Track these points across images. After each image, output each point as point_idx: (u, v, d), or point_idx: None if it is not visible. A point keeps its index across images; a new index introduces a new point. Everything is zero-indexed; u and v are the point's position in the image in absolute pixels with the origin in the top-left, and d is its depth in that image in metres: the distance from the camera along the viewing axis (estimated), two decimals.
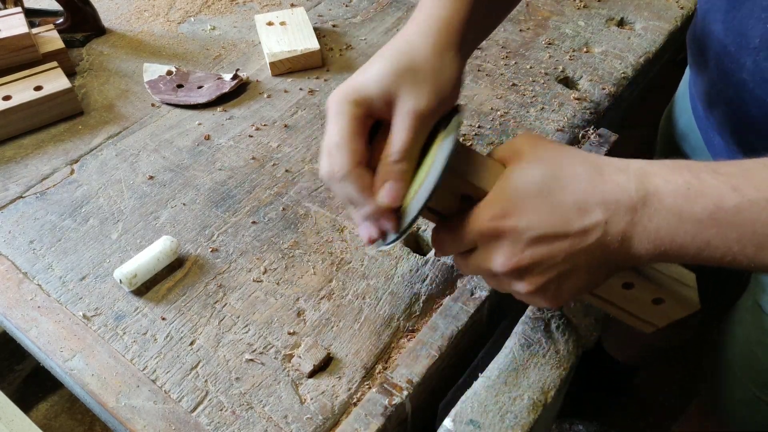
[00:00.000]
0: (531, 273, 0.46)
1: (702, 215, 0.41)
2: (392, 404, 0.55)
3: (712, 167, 0.43)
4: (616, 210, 0.43)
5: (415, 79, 0.48)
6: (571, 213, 0.44)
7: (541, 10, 1.03)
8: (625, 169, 0.45)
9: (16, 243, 0.71)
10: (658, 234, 0.43)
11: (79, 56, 0.97)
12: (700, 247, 0.42)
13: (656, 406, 1.47)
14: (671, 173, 0.43)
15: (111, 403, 0.57)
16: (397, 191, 0.47)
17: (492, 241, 0.46)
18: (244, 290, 0.66)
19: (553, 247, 0.45)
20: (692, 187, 0.42)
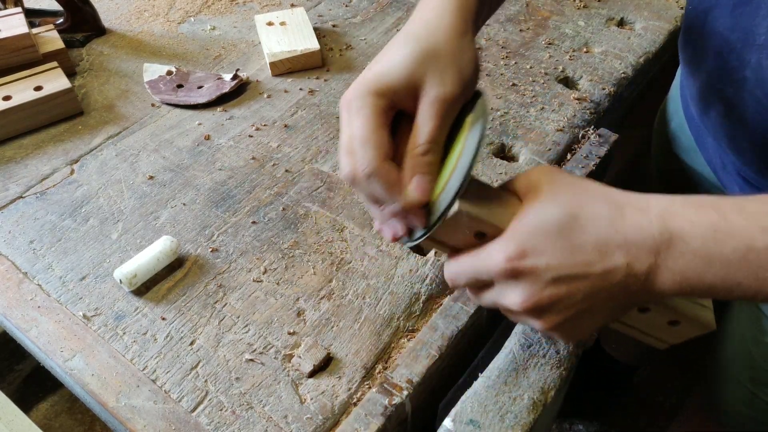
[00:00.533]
0: (549, 312, 0.45)
1: (732, 257, 0.41)
2: (392, 404, 0.55)
3: (738, 206, 0.42)
4: (638, 253, 0.42)
5: (439, 64, 0.47)
6: (593, 255, 0.43)
7: (541, 10, 1.03)
8: (646, 208, 0.44)
9: (16, 243, 0.71)
10: (684, 275, 0.42)
11: (79, 56, 0.97)
12: (730, 287, 0.42)
13: (656, 405, 1.47)
14: (696, 214, 0.42)
15: (111, 403, 0.57)
16: (427, 185, 0.46)
17: (510, 280, 0.45)
18: (244, 290, 0.66)
19: (573, 287, 0.44)
20: (720, 229, 0.41)
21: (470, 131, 0.47)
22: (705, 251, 0.41)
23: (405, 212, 0.47)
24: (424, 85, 0.46)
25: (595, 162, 0.76)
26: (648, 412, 1.46)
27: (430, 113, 0.46)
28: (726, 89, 0.62)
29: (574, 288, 0.44)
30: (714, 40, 0.62)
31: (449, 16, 0.49)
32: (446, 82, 0.46)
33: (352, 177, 0.46)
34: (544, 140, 0.80)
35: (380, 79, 0.47)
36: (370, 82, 0.47)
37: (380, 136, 0.46)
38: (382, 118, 0.46)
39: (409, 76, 0.46)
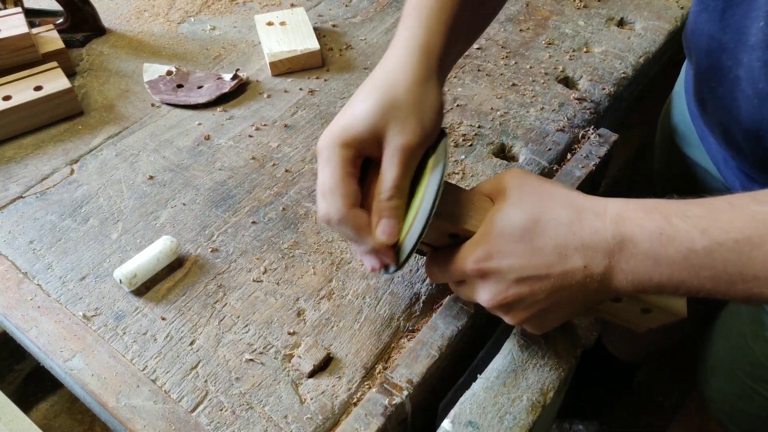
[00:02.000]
0: (515, 308, 0.50)
1: (675, 258, 0.44)
2: (392, 404, 0.55)
3: (682, 210, 0.45)
4: (594, 255, 0.46)
5: (400, 114, 0.50)
6: (552, 257, 0.47)
7: (541, 10, 1.03)
8: (602, 213, 0.47)
9: (16, 243, 0.71)
10: (636, 275, 0.46)
11: (79, 56, 0.97)
12: (676, 285, 0.45)
13: (656, 405, 1.47)
14: (645, 218, 0.46)
15: (111, 403, 0.57)
16: (392, 228, 0.50)
17: (477, 280, 0.50)
18: (244, 290, 0.66)
19: (535, 287, 0.48)
20: (664, 232, 0.44)
21: (431, 175, 0.51)
22: (652, 253, 0.45)
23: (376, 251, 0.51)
24: (387, 136, 0.50)
25: (595, 162, 0.76)
26: (648, 412, 1.46)
27: (393, 162, 0.50)
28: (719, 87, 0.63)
29: (537, 287, 0.48)
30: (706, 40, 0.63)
31: (410, 64, 0.52)
32: (407, 132, 0.49)
33: (326, 221, 0.51)
34: (544, 140, 0.80)
35: (346, 130, 0.50)
36: (336, 133, 0.51)
37: (346, 185, 0.50)
38: (349, 167, 0.50)
39: (372, 128, 0.50)
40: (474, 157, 0.79)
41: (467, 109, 0.85)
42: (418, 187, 0.52)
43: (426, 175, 0.51)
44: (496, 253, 0.48)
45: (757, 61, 0.55)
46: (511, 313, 0.51)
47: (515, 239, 0.48)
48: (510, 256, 0.48)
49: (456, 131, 0.82)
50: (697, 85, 0.69)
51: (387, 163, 0.50)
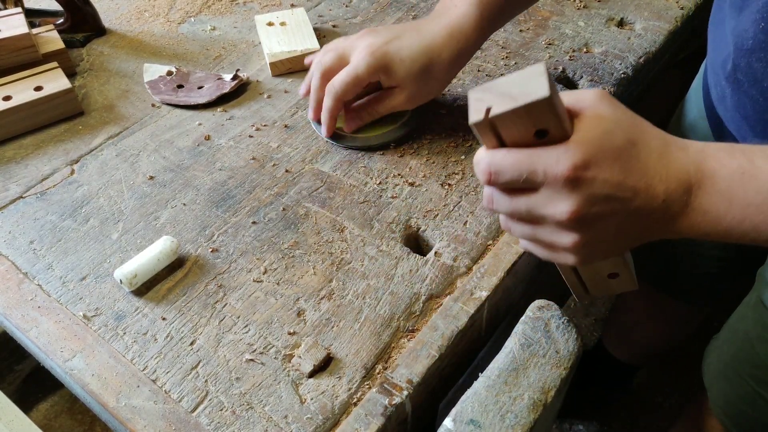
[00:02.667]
0: (587, 227, 0.46)
1: (754, 199, 0.42)
2: (392, 404, 0.55)
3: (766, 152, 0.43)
4: (675, 189, 0.45)
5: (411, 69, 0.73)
6: (641, 182, 0.45)
7: (541, 10, 1.03)
8: (685, 147, 0.46)
9: (16, 243, 0.71)
10: (706, 216, 0.44)
11: (79, 56, 0.97)
12: (745, 231, 0.44)
13: (656, 405, 1.47)
14: (727, 157, 0.44)
15: (111, 403, 0.57)
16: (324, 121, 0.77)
17: (563, 188, 0.45)
18: (244, 290, 0.66)
19: (617, 207, 0.45)
20: (746, 172, 0.43)
21: None
22: (729, 192, 0.43)
23: None
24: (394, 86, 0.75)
25: None
26: (648, 412, 1.46)
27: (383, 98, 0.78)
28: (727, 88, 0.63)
29: (618, 208, 0.45)
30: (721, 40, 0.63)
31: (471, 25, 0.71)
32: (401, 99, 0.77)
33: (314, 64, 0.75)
34: None
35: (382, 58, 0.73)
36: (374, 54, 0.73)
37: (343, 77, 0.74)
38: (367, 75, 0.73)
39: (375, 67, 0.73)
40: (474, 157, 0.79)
41: (467, 109, 0.85)
42: None
43: None
44: (595, 163, 0.44)
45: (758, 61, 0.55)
46: (581, 231, 0.46)
47: (613, 156, 0.45)
48: (608, 170, 0.44)
49: (456, 131, 0.82)
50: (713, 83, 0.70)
51: None
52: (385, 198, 0.74)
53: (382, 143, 0.79)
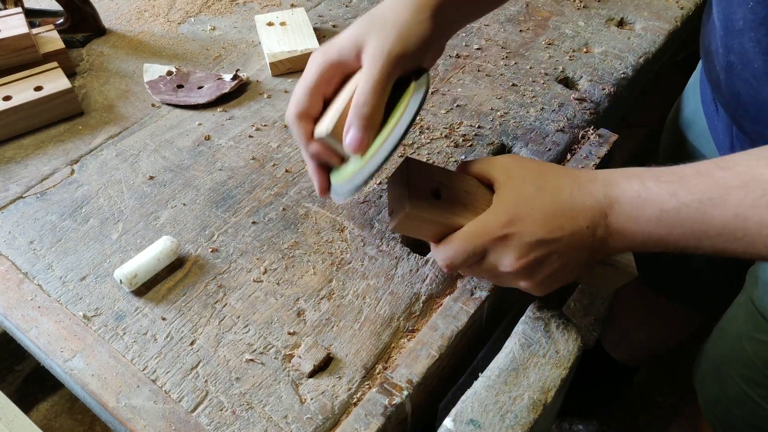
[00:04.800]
0: (533, 271, 0.53)
1: (650, 217, 0.49)
2: (392, 404, 0.55)
3: (656, 175, 0.50)
4: (593, 216, 0.51)
5: (383, 26, 0.52)
6: (562, 219, 0.51)
7: (541, 10, 1.03)
8: (593, 178, 0.52)
9: (16, 243, 0.71)
10: (624, 234, 0.51)
11: (79, 56, 0.97)
12: (656, 243, 0.50)
13: (656, 405, 1.47)
14: (626, 182, 0.51)
15: (111, 403, 0.57)
16: (358, 139, 0.51)
17: (500, 247, 0.52)
18: (244, 290, 0.66)
19: (551, 248, 0.51)
20: (641, 195, 0.49)
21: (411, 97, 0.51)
22: (633, 213, 0.50)
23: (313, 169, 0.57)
24: (366, 44, 0.52)
25: (595, 162, 0.76)
26: (648, 412, 1.46)
27: (369, 67, 0.51)
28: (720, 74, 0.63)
29: (552, 248, 0.51)
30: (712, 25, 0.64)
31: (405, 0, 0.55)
32: (386, 40, 0.51)
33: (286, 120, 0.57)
34: (544, 140, 0.80)
35: (330, 45, 0.55)
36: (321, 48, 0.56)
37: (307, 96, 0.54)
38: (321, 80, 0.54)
39: (354, 40, 0.52)
40: (474, 157, 0.79)
41: (467, 109, 0.85)
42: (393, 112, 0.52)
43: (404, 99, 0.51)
44: (517, 218, 0.51)
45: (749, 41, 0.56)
46: (530, 275, 0.53)
47: (530, 207, 0.51)
48: (529, 220, 0.51)
49: (456, 131, 0.82)
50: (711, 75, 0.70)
51: (365, 66, 0.51)
52: (385, 198, 0.74)
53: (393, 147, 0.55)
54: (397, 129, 0.49)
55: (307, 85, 0.54)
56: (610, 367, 1.36)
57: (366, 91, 0.50)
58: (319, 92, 0.55)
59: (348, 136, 0.51)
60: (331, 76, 0.55)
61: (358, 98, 0.51)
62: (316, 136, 0.54)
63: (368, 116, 0.51)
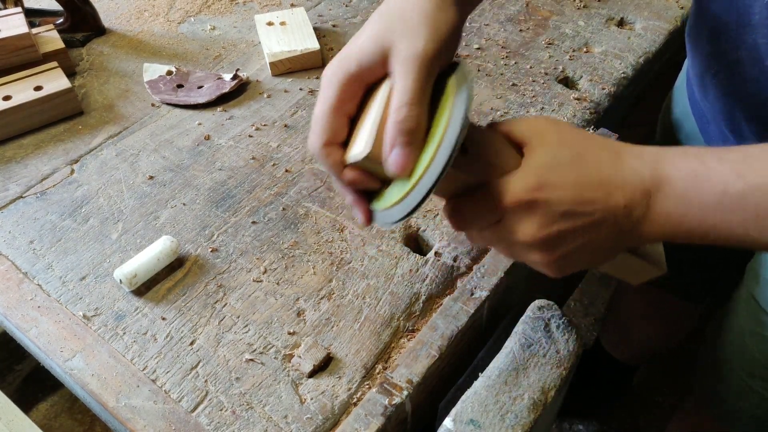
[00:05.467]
0: (554, 245, 0.47)
1: (708, 200, 0.43)
2: (392, 404, 0.55)
3: (718, 154, 0.44)
4: (634, 194, 0.45)
5: (410, 25, 0.45)
6: (598, 192, 0.45)
7: (541, 10, 1.03)
8: (640, 154, 0.46)
9: (16, 243, 0.71)
10: (668, 219, 0.45)
11: (79, 56, 0.97)
12: (706, 231, 0.44)
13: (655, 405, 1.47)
14: (681, 160, 0.45)
15: (111, 403, 0.57)
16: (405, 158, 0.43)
17: (522, 212, 0.46)
18: (244, 290, 0.66)
19: (578, 222, 0.45)
20: (700, 174, 0.44)
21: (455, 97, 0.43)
22: (686, 194, 0.44)
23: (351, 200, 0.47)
24: (394, 47, 0.44)
25: None
26: (647, 411, 1.46)
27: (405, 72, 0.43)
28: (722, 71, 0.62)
29: (580, 223, 0.45)
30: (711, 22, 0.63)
31: None
32: (419, 41, 0.44)
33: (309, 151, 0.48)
34: None
35: (348, 56, 0.46)
36: (336, 61, 0.47)
37: (330, 119, 0.46)
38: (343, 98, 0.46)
39: (378, 47, 0.45)
40: None
41: None
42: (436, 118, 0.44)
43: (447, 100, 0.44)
44: (546, 183, 0.45)
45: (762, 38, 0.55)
46: (550, 249, 0.47)
47: (564, 174, 0.45)
48: (560, 187, 0.45)
49: None
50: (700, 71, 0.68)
51: (399, 74, 0.43)
52: None
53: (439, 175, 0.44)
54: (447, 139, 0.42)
55: (328, 108, 0.46)
56: (609, 366, 1.36)
57: (406, 101, 0.43)
58: (343, 113, 0.47)
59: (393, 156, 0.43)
60: (354, 91, 0.47)
61: (399, 111, 0.43)
62: (351, 160, 0.46)
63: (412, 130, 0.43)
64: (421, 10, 0.46)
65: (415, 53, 0.43)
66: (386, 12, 0.47)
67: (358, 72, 0.46)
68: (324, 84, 0.47)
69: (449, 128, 0.42)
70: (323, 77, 0.47)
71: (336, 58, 0.47)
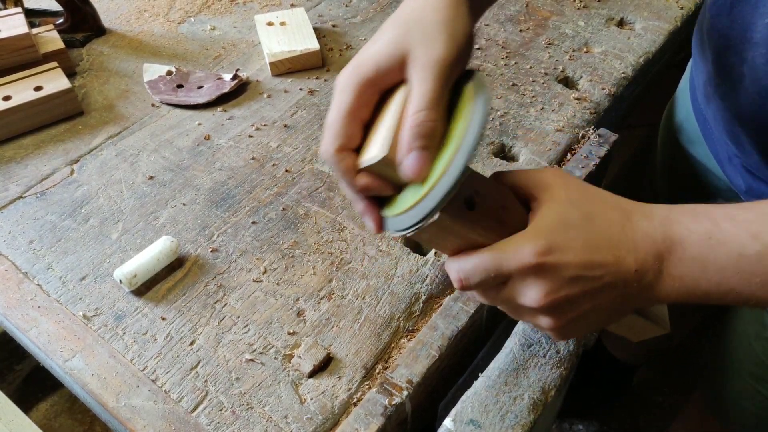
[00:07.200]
0: (561, 310, 0.46)
1: (726, 263, 0.42)
2: (392, 404, 0.55)
3: (730, 214, 0.43)
4: (645, 259, 0.44)
5: (427, 30, 0.44)
6: (608, 257, 0.44)
7: (541, 10, 1.03)
8: (650, 215, 0.45)
9: (16, 243, 0.71)
10: (683, 282, 0.44)
11: (79, 56, 0.97)
12: (724, 293, 0.43)
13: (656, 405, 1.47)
14: (693, 221, 0.44)
15: (111, 403, 0.57)
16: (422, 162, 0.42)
17: (530, 277, 0.44)
18: (244, 290, 0.66)
19: (587, 287, 0.44)
20: (713, 237, 0.43)
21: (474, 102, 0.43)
22: (701, 258, 0.43)
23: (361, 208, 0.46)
24: (412, 53, 0.44)
25: (595, 162, 0.76)
26: (648, 411, 1.46)
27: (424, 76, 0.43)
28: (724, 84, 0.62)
29: (588, 288, 0.44)
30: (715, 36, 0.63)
31: None
32: (437, 46, 0.43)
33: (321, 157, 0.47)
34: (544, 140, 0.80)
35: (364, 62, 0.45)
36: (351, 66, 0.46)
37: (344, 124, 0.45)
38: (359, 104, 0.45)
39: (396, 51, 0.44)
40: None
41: None
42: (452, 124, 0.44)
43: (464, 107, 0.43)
44: (554, 247, 0.43)
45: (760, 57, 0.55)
46: (556, 315, 0.46)
47: (573, 235, 0.44)
48: (569, 251, 0.43)
49: None
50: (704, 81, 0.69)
51: (417, 79, 0.43)
52: None
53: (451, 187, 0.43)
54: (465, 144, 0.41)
55: (344, 113, 0.45)
56: (610, 366, 1.36)
57: (423, 106, 0.42)
58: (358, 119, 0.46)
59: (409, 160, 0.43)
60: (369, 97, 0.46)
61: (416, 116, 0.42)
62: (366, 164, 0.45)
63: (429, 135, 0.42)
64: (438, 17, 0.45)
65: (434, 59, 0.43)
66: (403, 18, 0.46)
67: (375, 77, 0.45)
68: (339, 89, 0.46)
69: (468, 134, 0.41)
70: (337, 82, 0.46)
71: (351, 64, 0.46)
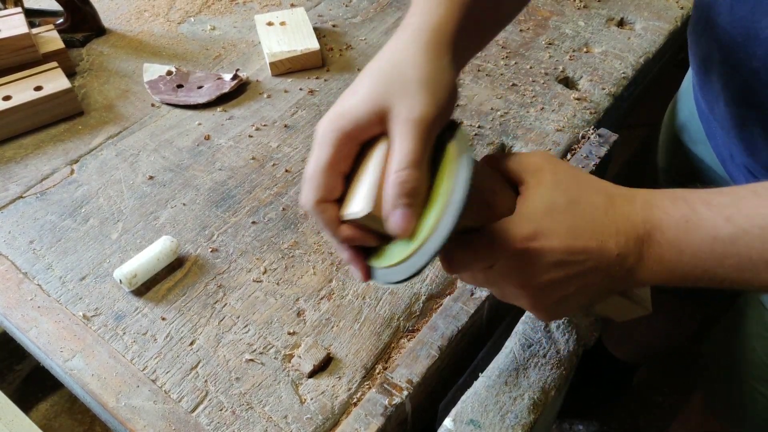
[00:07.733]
0: (546, 293, 0.47)
1: (701, 246, 0.44)
2: (392, 404, 0.55)
3: (705, 199, 0.45)
4: (627, 243, 0.45)
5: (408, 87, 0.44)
6: (591, 242, 0.45)
7: (541, 10, 1.03)
8: (632, 199, 0.47)
9: (16, 243, 0.71)
10: (662, 264, 0.45)
11: (79, 56, 0.97)
12: (699, 276, 0.45)
13: (656, 405, 1.47)
14: (671, 206, 0.45)
15: (111, 403, 0.57)
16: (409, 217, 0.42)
17: (516, 261, 0.46)
18: (244, 290, 0.66)
19: (570, 271, 0.46)
20: (690, 220, 0.44)
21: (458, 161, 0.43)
22: (677, 241, 0.44)
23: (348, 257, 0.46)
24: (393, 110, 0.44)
25: (595, 162, 0.76)
26: (648, 411, 1.46)
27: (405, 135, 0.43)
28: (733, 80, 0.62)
29: (572, 272, 0.46)
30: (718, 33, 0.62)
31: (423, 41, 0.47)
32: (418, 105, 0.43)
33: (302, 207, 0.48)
34: (544, 140, 0.80)
35: (343, 114, 0.45)
36: (330, 117, 0.45)
37: (324, 176, 0.45)
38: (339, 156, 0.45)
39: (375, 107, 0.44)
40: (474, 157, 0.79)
41: (467, 109, 0.85)
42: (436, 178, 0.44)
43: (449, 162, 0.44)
44: (540, 232, 0.45)
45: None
46: (540, 297, 0.47)
47: (558, 219, 0.45)
48: (554, 237, 0.45)
49: None
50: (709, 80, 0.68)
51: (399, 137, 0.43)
52: None
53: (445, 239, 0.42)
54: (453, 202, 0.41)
55: (323, 166, 0.45)
56: (610, 366, 1.36)
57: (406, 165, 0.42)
58: (337, 171, 0.46)
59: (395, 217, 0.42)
60: (349, 150, 0.46)
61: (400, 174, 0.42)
62: (350, 218, 0.45)
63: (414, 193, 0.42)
64: (420, 75, 0.45)
65: (415, 118, 0.43)
66: (382, 70, 0.46)
67: (355, 131, 0.45)
68: (318, 141, 0.46)
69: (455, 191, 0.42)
70: (317, 133, 0.46)
71: (330, 115, 0.46)
